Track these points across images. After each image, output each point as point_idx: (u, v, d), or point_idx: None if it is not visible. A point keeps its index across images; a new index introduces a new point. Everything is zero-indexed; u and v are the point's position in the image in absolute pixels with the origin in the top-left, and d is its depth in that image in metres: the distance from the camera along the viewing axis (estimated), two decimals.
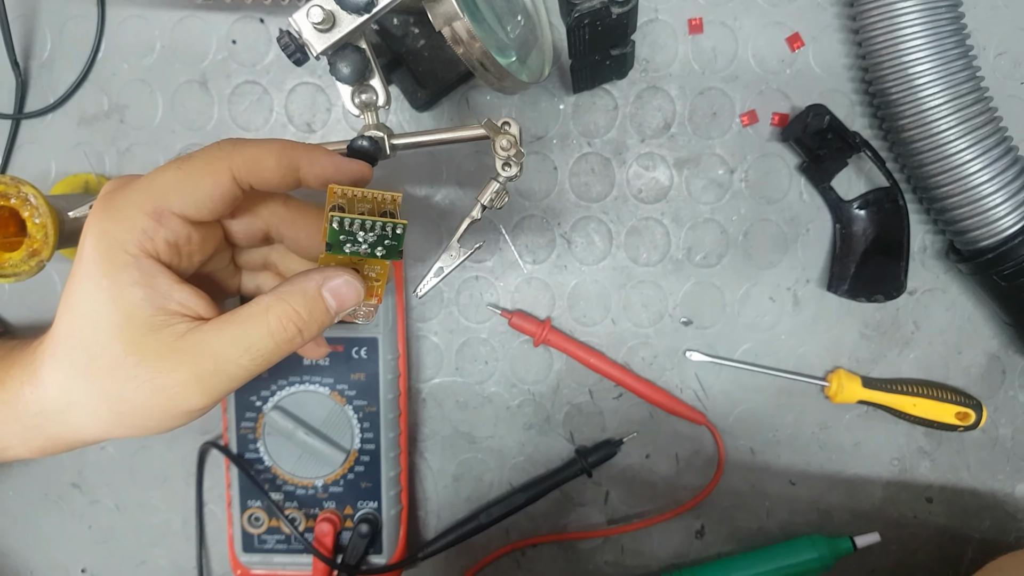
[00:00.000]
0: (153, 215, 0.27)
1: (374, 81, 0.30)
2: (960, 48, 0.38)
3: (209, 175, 0.28)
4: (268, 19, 0.43)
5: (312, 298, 0.29)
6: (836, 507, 0.46)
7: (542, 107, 0.43)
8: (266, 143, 0.29)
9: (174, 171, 0.28)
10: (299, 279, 0.29)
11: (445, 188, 0.44)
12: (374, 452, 0.43)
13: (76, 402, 0.28)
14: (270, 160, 0.28)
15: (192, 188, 0.27)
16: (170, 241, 0.28)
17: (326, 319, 0.29)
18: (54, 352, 0.28)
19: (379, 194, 0.29)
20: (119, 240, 0.27)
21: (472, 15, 0.30)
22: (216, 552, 0.48)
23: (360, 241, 0.29)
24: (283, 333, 0.28)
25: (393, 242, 0.29)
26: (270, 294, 0.29)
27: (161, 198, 0.27)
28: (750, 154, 0.43)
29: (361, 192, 0.29)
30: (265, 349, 0.28)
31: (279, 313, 0.28)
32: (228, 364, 0.28)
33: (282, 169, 0.28)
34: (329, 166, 0.29)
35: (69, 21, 0.44)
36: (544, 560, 0.47)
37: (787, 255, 0.44)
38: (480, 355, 0.46)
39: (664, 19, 0.43)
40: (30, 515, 0.48)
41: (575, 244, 0.44)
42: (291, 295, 0.29)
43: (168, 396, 0.27)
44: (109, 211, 0.27)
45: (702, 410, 0.45)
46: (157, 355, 0.27)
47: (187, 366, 0.27)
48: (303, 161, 0.29)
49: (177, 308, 0.28)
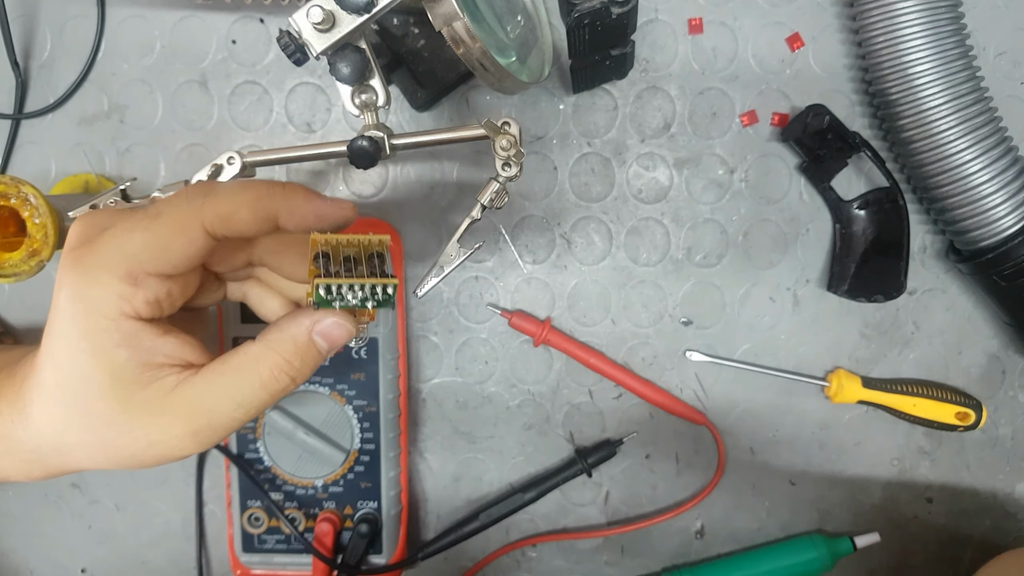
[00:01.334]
0: (128, 279, 0.26)
1: (374, 81, 0.30)
2: (960, 48, 0.38)
3: (181, 233, 0.26)
4: (268, 19, 0.43)
5: (303, 345, 0.28)
6: (836, 507, 0.46)
7: (542, 107, 0.43)
8: (239, 192, 0.27)
9: (142, 232, 0.26)
10: (288, 324, 0.28)
11: (445, 188, 0.44)
12: (374, 452, 0.43)
13: (72, 444, 0.28)
14: (244, 213, 0.27)
15: (164, 248, 0.26)
16: (149, 300, 0.27)
17: (318, 361, 0.29)
18: (45, 398, 0.28)
19: (366, 238, 0.28)
20: (96, 306, 0.26)
21: (472, 15, 0.30)
22: (216, 552, 0.48)
23: (349, 299, 0.28)
24: (276, 384, 0.28)
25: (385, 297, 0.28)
26: (260, 343, 0.28)
27: (134, 261, 0.26)
28: (750, 154, 0.43)
29: (347, 238, 0.28)
30: (258, 401, 0.28)
31: (271, 364, 0.28)
32: (222, 418, 0.27)
33: (258, 221, 0.27)
34: (309, 214, 0.28)
35: (69, 21, 0.44)
36: (544, 560, 0.47)
37: (787, 255, 0.44)
38: (480, 355, 0.46)
39: (664, 19, 0.43)
40: (30, 515, 0.48)
41: (575, 244, 0.44)
42: (281, 344, 0.28)
43: (164, 448, 0.27)
44: (81, 274, 0.26)
45: (702, 410, 0.45)
46: (149, 413, 0.27)
47: (181, 423, 0.27)
48: (280, 211, 0.28)
49: (164, 360, 0.27)
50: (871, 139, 0.42)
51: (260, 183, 0.28)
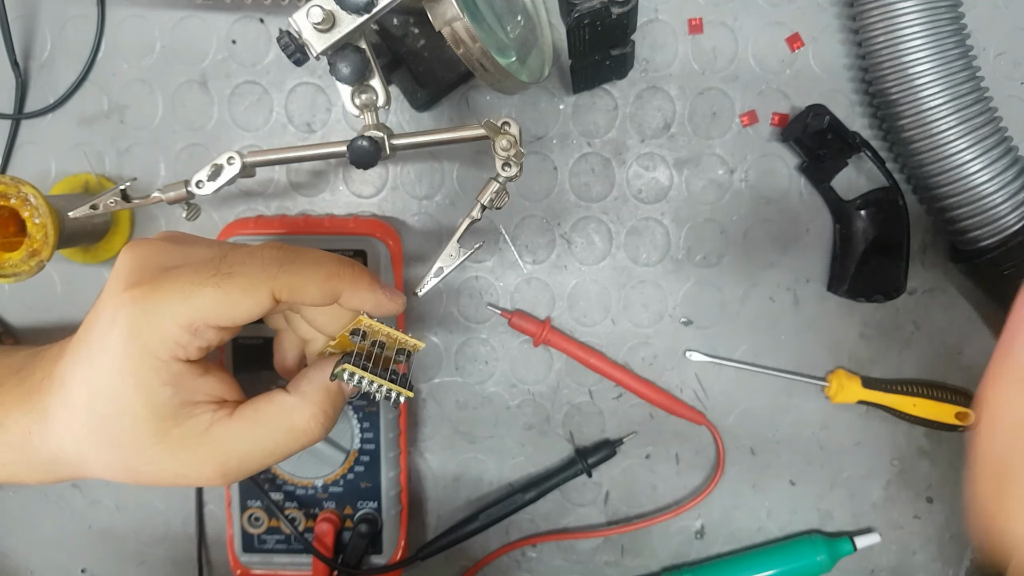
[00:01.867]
0: (189, 329, 0.27)
1: (374, 81, 0.30)
2: (960, 48, 0.38)
3: (250, 297, 0.27)
4: (268, 19, 0.43)
5: (335, 394, 0.30)
6: (836, 507, 0.46)
7: (542, 107, 0.43)
8: (312, 267, 0.29)
9: (213, 288, 0.27)
10: (318, 375, 0.30)
11: (445, 188, 0.44)
12: (374, 452, 0.43)
13: (95, 461, 0.29)
14: (313, 289, 0.28)
15: (232, 308, 0.27)
16: (202, 347, 0.28)
17: (342, 405, 0.31)
18: (71, 417, 0.28)
19: (403, 337, 0.30)
20: (152, 347, 0.27)
21: (472, 15, 0.30)
22: (216, 552, 0.48)
23: (363, 386, 0.30)
24: (308, 437, 0.29)
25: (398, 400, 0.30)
26: (293, 394, 0.30)
27: (199, 314, 0.27)
28: (750, 154, 0.43)
29: (387, 331, 0.30)
30: (289, 450, 0.29)
31: (308, 416, 0.29)
32: (251, 464, 0.29)
33: (323, 299, 0.29)
34: (369, 302, 0.30)
35: (69, 21, 0.44)
36: (544, 560, 0.47)
37: (787, 255, 0.44)
38: (480, 355, 0.46)
39: (664, 19, 0.43)
40: (30, 515, 0.48)
41: (575, 244, 0.44)
42: (316, 395, 0.30)
43: (192, 481, 0.29)
44: (141, 314, 0.27)
45: (702, 410, 0.45)
46: (182, 449, 0.28)
47: (212, 463, 0.28)
48: (345, 294, 0.29)
49: (201, 398, 0.28)
50: (871, 139, 0.42)
51: (332, 261, 0.29)
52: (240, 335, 0.42)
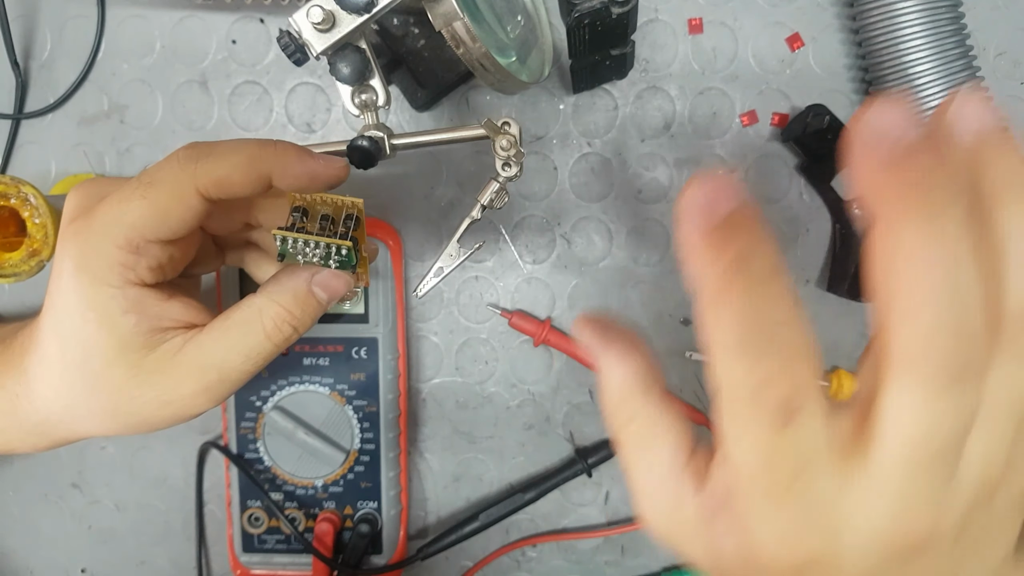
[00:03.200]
0: (129, 247, 0.26)
1: (374, 81, 0.30)
2: (960, 48, 0.38)
3: (177, 199, 0.27)
4: (268, 19, 0.43)
5: (303, 296, 0.29)
6: None
7: (542, 107, 0.43)
8: (232, 153, 0.27)
9: (139, 200, 0.26)
10: (287, 277, 0.29)
11: (445, 188, 0.44)
12: (374, 452, 0.43)
13: (81, 414, 0.28)
14: (238, 175, 0.27)
15: (163, 215, 0.26)
16: (152, 266, 0.27)
17: (319, 312, 0.30)
18: (48, 371, 0.28)
19: (340, 199, 0.29)
20: (99, 275, 0.26)
21: (472, 15, 0.30)
22: (216, 552, 0.48)
23: (309, 255, 0.29)
24: (280, 335, 0.29)
25: (342, 258, 0.29)
26: (261, 295, 0.29)
27: (133, 230, 0.26)
28: (750, 154, 0.43)
29: (321, 196, 0.29)
30: (265, 351, 0.29)
31: (273, 315, 0.28)
32: (231, 372, 0.28)
33: (252, 182, 0.28)
34: (302, 174, 0.28)
35: (69, 21, 0.44)
36: (544, 560, 0.47)
37: (787, 255, 0.44)
38: (480, 355, 0.46)
39: (664, 19, 0.43)
40: (30, 515, 0.48)
41: (575, 244, 0.44)
42: (282, 295, 0.29)
43: (176, 407, 0.28)
44: (81, 244, 0.26)
45: (702, 410, 0.45)
46: (159, 373, 0.27)
47: (191, 380, 0.28)
48: (274, 172, 0.28)
49: (170, 324, 0.28)
50: None
51: (252, 143, 0.28)
52: None
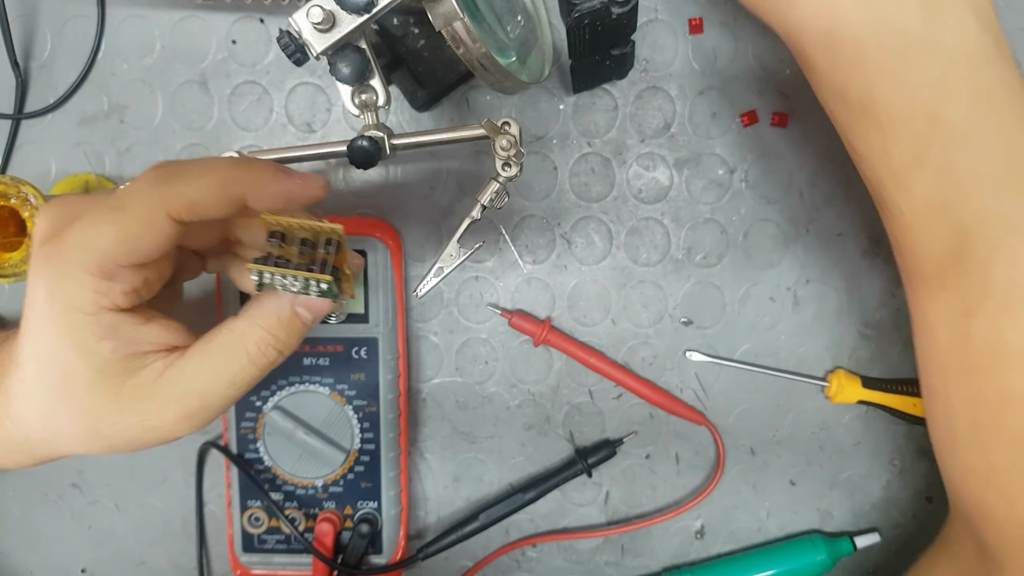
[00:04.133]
0: (100, 274, 0.25)
1: (374, 81, 0.30)
2: None
3: (147, 225, 0.26)
4: (268, 19, 0.43)
5: (287, 319, 0.28)
6: (836, 507, 0.46)
7: (542, 107, 0.43)
8: (203, 175, 0.26)
9: (109, 225, 0.25)
10: (269, 300, 0.28)
11: (445, 188, 0.44)
12: (374, 452, 0.43)
13: (63, 436, 0.28)
14: (210, 199, 0.26)
15: (134, 241, 0.26)
16: (126, 291, 0.26)
17: (303, 332, 0.29)
18: (29, 393, 0.27)
19: (319, 225, 0.27)
20: (73, 302, 0.26)
21: (472, 15, 0.30)
22: (216, 552, 0.48)
23: (288, 287, 0.28)
24: (264, 359, 0.28)
25: (322, 291, 0.28)
26: (243, 318, 0.28)
27: (105, 256, 0.25)
28: (750, 154, 0.43)
29: (299, 222, 0.27)
30: (249, 376, 0.28)
31: (257, 340, 0.28)
32: (214, 398, 0.27)
33: (226, 206, 0.27)
34: (278, 196, 0.27)
35: (69, 21, 0.44)
36: (544, 560, 0.47)
37: (787, 255, 0.44)
38: (480, 355, 0.46)
39: (664, 19, 0.43)
40: (30, 515, 0.48)
41: (575, 244, 0.44)
42: (265, 319, 0.28)
43: (162, 432, 0.27)
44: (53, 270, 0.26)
45: (702, 410, 0.45)
46: (140, 399, 0.27)
47: (173, 407, 0.27)
48: (248, 194, 0.27)
49: (149, 348, 0.27)
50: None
51: (225, 163, 0.27)
52: None
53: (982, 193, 0.28)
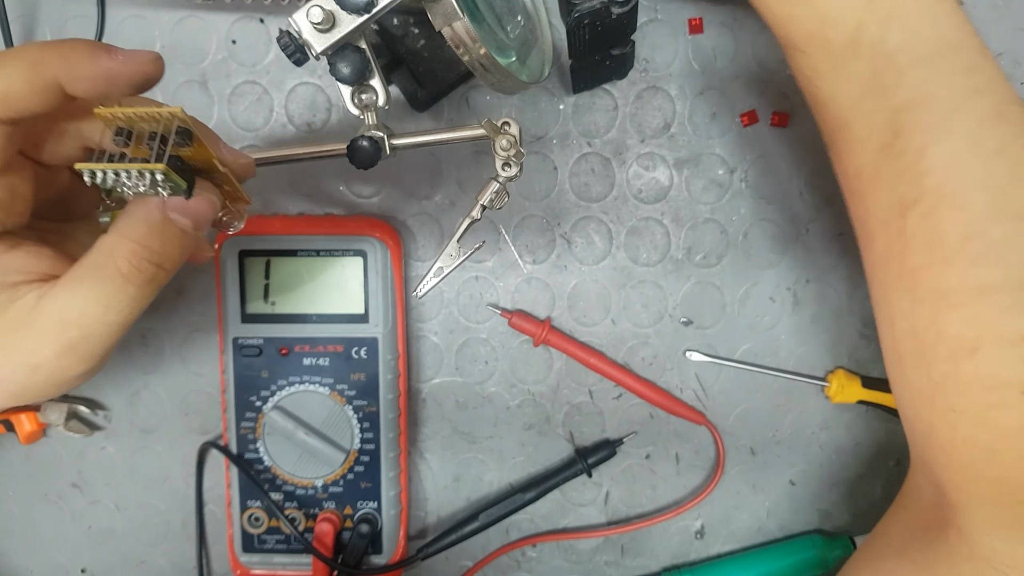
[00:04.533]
0: None
1: (374, 81, 0.30)
2: None
3: None
4: (268, 19, 0.43)
5: (158, 226, 0.25)
6: (836, 507, 0.46)
7: (542, 107, 0.43)
8: (9, 63, 0.24)
9: None
10: (138, 206, 0.25)
11: (445, 188, 0.44)
12: (374, 452, 0.43)
13: None
14: (20, 87, 0.23)
15: None
16: None
17: (185, 241, 0.26)
18: None
19: (156, 111, 0.24)
20: None
21: (472, 15, 0.30)
22: (216, 552, 0.48)
23: (133, 187, 0.24)
24: (140, 275, 0.25)
25: (172, 184, 0.24)
26: (112, 233, 0.25)
27: None
28: (750, 154, 0.43)
29: (135, 111, 0.23)
30: (127, 298, 0.25)
31: (127, 254, 0.25)
32: (94, 326, 0.25)
33: (40, 94, 0.24)
34: (98, 77, 0.24)
35: (69, 21, 0.44)
36: (544, 560, 0.47)
37: (787, 255, 0.44)
38: (480, 355, 0.46)
39: (664, 19, 0.43)
40: (30, 515, 0.48)
41: (575, 244, 0.44)
42: (132, 229, 0.25)
43: (47, 371, 0.25)
44: None
45: (702, 410, 0.45)
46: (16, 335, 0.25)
47: (52, 340, 0.25)
48: (63, 78, 0.24)
49: (19, 277, 0.25)
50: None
51: (34, 46, 0.24)
52: (242, 333, 0.42)
53: (917, 74, 0.27)
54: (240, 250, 0.42)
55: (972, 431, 0.27)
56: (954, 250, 0.27)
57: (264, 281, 0.42)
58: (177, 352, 0.46)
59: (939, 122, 0.27)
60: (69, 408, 0.45)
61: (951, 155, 0.27)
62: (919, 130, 0.27)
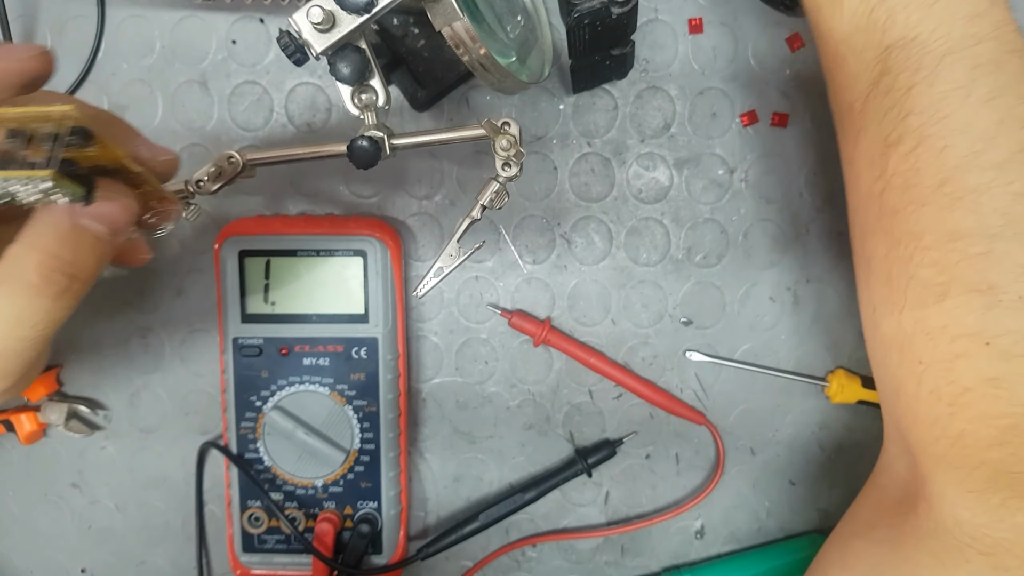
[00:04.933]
0: None
1: (374, 81, 0.30)
2: None
3: None
4: (268, 19, 0.43)
5: (68, 234, 0.23)
6: (836, 507, 0.46)
7: (542, 107, 0.43)
8: None
9: None
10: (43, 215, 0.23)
11: (445, 188, 0.44)
12: (374, 452, 0.43)
13: None
14: None
15: None
16: None
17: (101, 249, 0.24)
18: None
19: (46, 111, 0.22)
20: None
21: (472, 15, 0.30)
22: (216, 552, 0.48)
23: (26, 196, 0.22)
24: (52, 287, 0.23)
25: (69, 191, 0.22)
26: (18, 243, 0.23)
27: None
28: (750, 154, 0.43)
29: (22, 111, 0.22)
30: (41, 310, 0.23)
31: (35, 265, 0.23)
32: (9, 342, 0.23)
33: None
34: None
35: (69, 21, 0.44)
36: (544, 560, 0.47)
37: (787, 255, 0.44)
38: (480, 355, 0.46)
39: (664, 19, 0.43)
40: (30, 515, 0.48)
41: (575, 244, 0.44)
42: (41, 238, 0.23)
43: None
44: None
45: (702, 410, 0.45)
46: None
47: None
48: None
49: None
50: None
51: None
52: (242, 333, 0.42)
53: (910, 15, 0.28)
54: (240, 250, 0.42)
55: (936, 383, 0.27)
56: (930, 192, 0.27)
57: (264, 281, 0.42)
58: (177, 352, 0.46)
59: (929, 64, 0.27)
60: (69, 408, 0.45)
61: (937, 97, 0.27)
62: (907, 70, 0.28)
